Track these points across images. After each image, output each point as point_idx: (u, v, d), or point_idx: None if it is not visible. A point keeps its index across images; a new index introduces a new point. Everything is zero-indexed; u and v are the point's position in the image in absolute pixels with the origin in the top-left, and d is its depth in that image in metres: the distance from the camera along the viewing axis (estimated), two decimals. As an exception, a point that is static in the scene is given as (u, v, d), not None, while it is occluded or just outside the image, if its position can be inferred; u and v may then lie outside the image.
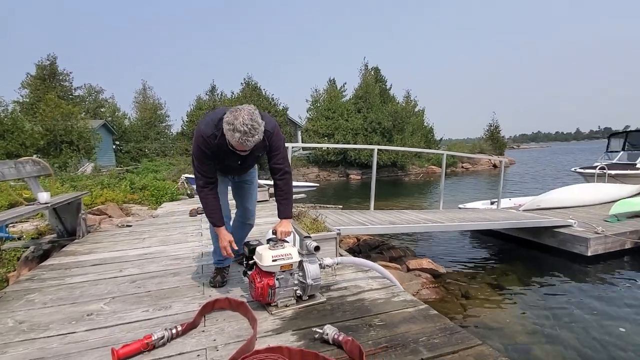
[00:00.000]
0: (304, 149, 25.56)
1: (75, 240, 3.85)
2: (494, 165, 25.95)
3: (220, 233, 2.10)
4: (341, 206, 7.47)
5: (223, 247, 2.08)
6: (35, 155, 14.28)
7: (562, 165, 24.13)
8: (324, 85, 27.82)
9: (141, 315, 1.96)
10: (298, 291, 2.00)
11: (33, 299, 2.26)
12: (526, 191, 11.32)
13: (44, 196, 3.46)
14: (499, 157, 9.58)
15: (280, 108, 25.30)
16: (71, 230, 3.99)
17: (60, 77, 26.91)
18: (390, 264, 4.46)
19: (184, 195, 8.36)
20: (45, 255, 3.56)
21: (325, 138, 24.32)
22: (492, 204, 7.48)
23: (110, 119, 28.73)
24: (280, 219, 2.15)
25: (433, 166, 25.49)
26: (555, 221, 5.20)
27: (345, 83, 27.78)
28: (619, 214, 5.68)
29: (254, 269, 1.97)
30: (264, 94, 25.14)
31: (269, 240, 2.00)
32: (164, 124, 31.46)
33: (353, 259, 2.50)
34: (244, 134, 1.75)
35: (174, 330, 1.66)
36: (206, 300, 2.00)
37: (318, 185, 16.66)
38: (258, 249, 1.96)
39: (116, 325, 1.85)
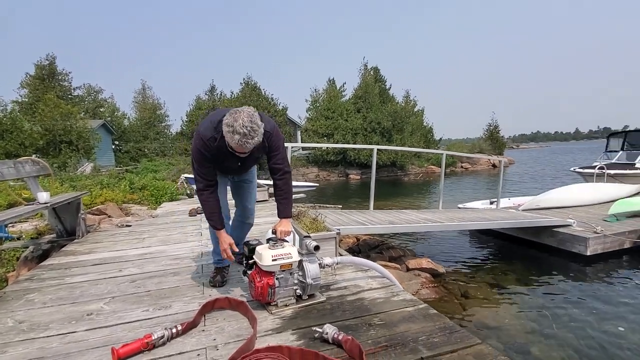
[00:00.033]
0: (303, 148, 25.55)
1: (75, 240, 3.85)
2: (494, 165, 25.98)
3: (221, 236, 2.10)
4: (341, 206, 7.48)
5: (223, 250, 2.09)
6: (34, 155, 14.27)
7: (562, 165, 24.17)
8: (324, 85, 27.89)
9: (141, 315, 1.96)
10: (298, 290, 2.01)
11: (33, 299, 2.26)
12: (525, 191, 11.33)
13: (43, 196, 3.46)
14: (498, 157, 9.60)
15: (280, 108, 25.27)
16: (71, 230, 3.99)
17: (60, 77, 26.89)
18: (389, 264, 4.47)
19: (184, 195, 8.36)
20: (44, 255, 3.55)
21: (325, 138, 24.33)
22: (492, 203, 7.50)
23: (109, 119, 28.70)
24: (280, 219, 2.15)
25: (432, 166, 25.52)
26: (555, 221, 5.21)
27: (344, 83, 27.83)
28: (618, 214, 5.69)
29: (254, 269, 1.97)
30: (263, 93, 25.11)
31: (268, 239, 2.01)
32: (163, 124, 31.46)
33: (352, 258, 2.50)
34: (244, 136, 1.75)
35: (174, 330, 1.66)
36: (206, 300, 2.01)
37: (317, 185, 16.66)
38: (258, 248, 1.96)
39: (116, 324, 1.86)
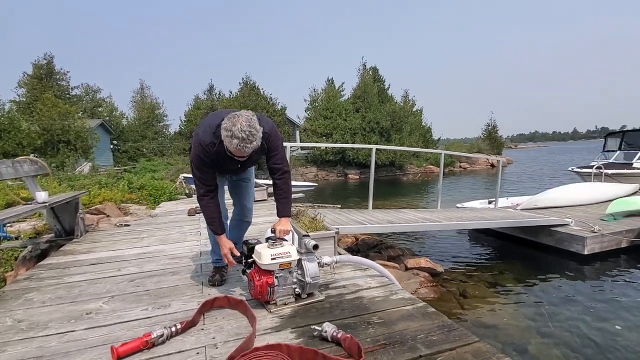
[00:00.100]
0: (302, 148, 25.54)
1: (74, 240, 3.84)
2: (492, 165, 26.04)
3: (221, 241, 2.10)
4: (339, 205, 7.49)
5: (224, 255, 2.08)
6: (32, 154, 14.24)
7: (560, 165, 24.24)
8: (322, 85, 27.90)
9: (140, 314, 1.96)
10: (297, 289, 2.01)
11: (31, 298, 2.26)
12: (523, 190, 11.36)
13: (41, 195, 3.45)
14: (496, 157, 9.63)
15: (279, 108, 25.27)
16: (69, 230, 3.98)
17: (57, 77, 26.83)
18: (388, 263, 4.47)
19: (182, 195, 8.35)
20: (43, 255, 3.54)
21: (324, 138, 24.34)
22: (490, 203, 7.53)
23: (107, 118, 28.64)
24: (279, 218, 2.15)
25: (431, 166, 25.57)
26: (553, 220, 5.23)
27: (343, 83, 27.83)
28: (615, 213, 5.71)
29: (253, 268, 1.98)
30: (262, 93, 25.11)
31: (267, 238, 2.01)
32: (161, 124, 31.41)
33: (351, 257, 2.51)
34: (242, 140, 1.75)
35: (173, 329, 1.67)
36: (205, 299, 2.01)
37: (316, 185, 16.67)
38: (257, 247, 1.96)
39: (115, 323, 1.86)
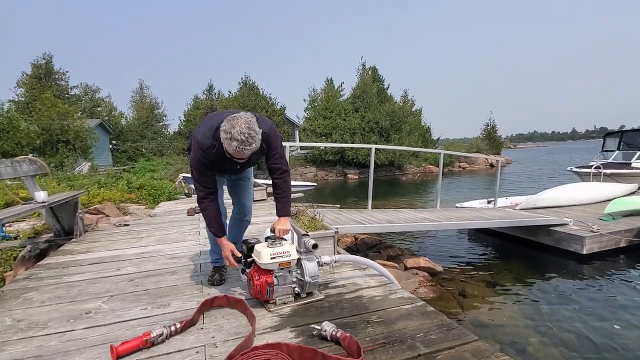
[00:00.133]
0: (301, 148, 25.54)
1: (73, 240, 3.84)
2: (491, 165, 26.07)
3: (221, 243, 2.10)
4: (339, 205, 7.48)
5: (225, 257, 2.08)
6: (31, 154, 14.22)
7: (558, 165, 24.28)
8: (322, 84, 27.90)
9: (140, 313, 1.96)
10: (296, 289, 2.01)
11: (31, 298, 2.26)
12: (522, 190, 11.37)
13: (41, 195, 3.45)
14: (495, 157, 9.64)
15: (278, 107, 25.28)
16: (68, 230, 3.98)
17: (56, 76, 26.78)
18: (387, 263, 4.48)
19: (182, 195, 8.34)
20: (42, 255, 3.54)
21: (323, 137, 24.33)
22: (489, 202, 7.54)
23: (106, 118, 28.60)
24: (278, 217, 2.16)
25: (430, 165, 25.59)
26: (551, 220, 5.24)
27: (342, 82, 27.85)
28: (614, 213, 5.73)
29: (253, 267, 1.98)
30: (261, 93, 25.10)
31: (267, 238, 2.02)
32: (161, 124, 31.38)
33: (351, 256, 2.51)
34: (241, 142, 1.75)
35: (172, 328, 1.67)
36: (204, 298, 2.01)
37: (316, 184, 16.66)
38: (256, 246, 1.97)
39: (115, 323, 1.86)
